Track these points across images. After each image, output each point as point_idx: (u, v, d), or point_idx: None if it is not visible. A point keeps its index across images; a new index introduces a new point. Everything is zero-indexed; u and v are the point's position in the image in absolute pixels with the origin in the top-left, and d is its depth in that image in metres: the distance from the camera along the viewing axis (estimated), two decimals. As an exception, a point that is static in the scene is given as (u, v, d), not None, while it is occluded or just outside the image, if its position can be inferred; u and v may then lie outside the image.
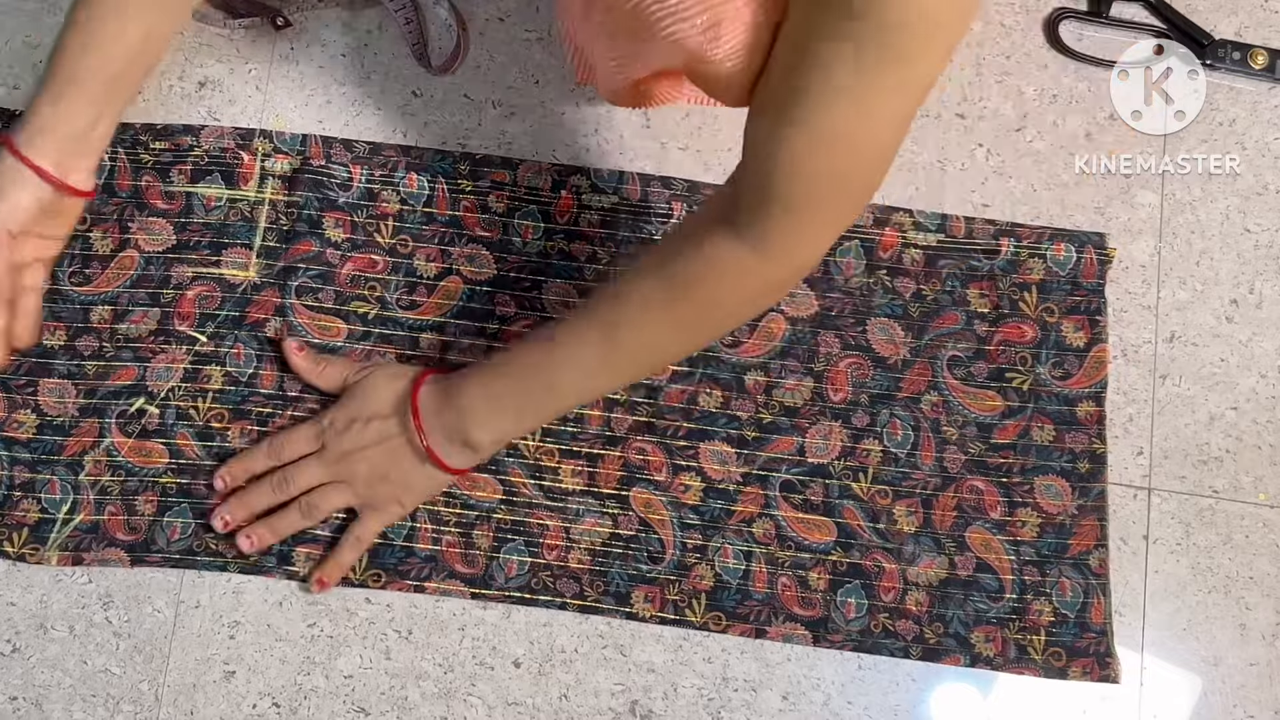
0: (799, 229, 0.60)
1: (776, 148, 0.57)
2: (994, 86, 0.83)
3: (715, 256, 0.61)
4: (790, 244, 0.61)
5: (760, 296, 0.66)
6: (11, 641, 0.73)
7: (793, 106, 0.55)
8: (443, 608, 0.75)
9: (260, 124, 0.79)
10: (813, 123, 0.55)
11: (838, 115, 0.54)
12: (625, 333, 0.66)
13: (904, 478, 0.77)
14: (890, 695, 0.74)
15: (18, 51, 0.80)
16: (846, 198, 0.60)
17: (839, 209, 0.60)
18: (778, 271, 0.62)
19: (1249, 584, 0.77)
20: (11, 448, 0.74)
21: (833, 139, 0.55)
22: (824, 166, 0.57)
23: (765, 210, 0.59)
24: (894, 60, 0.52)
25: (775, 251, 0.61)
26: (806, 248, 0.62)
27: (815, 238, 0.61)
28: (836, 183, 0.58)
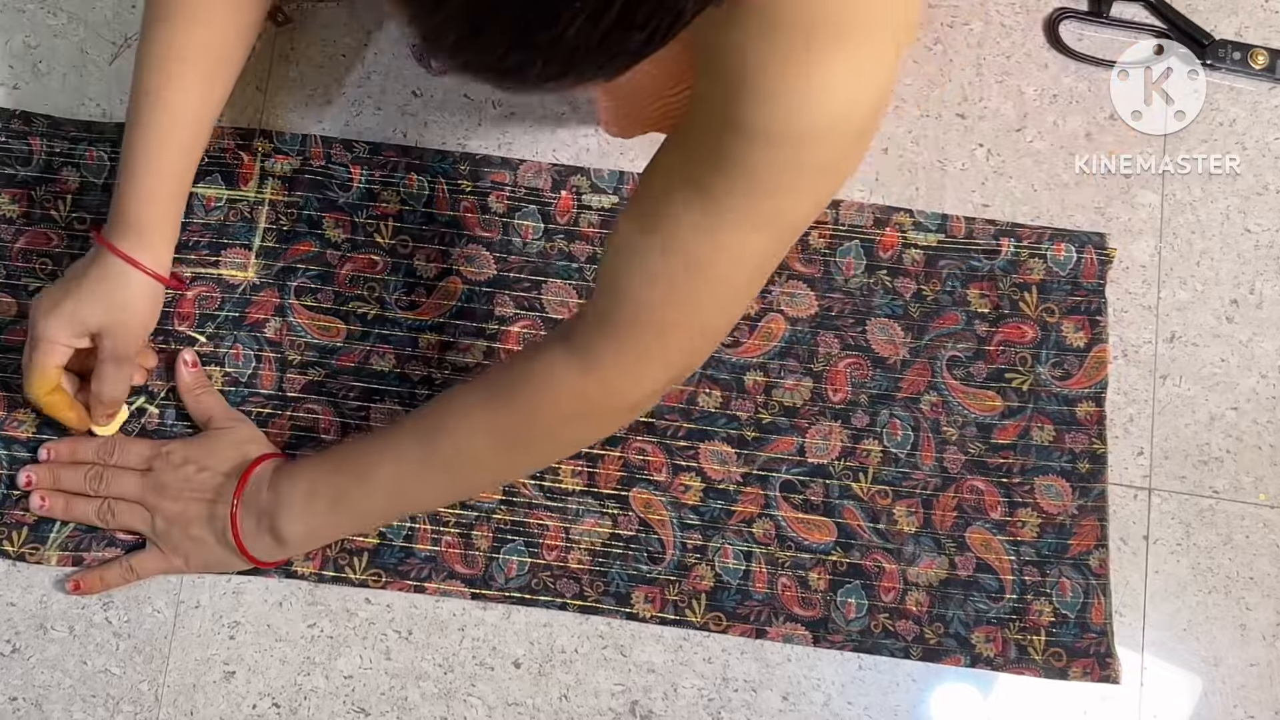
0: (628, 354, 0.58)
1: (631, 257, 0.55)
2: (994, 86, 0.83)
3: (541, 367, 0.61)
4: (616, 368, 0.59)
5: (580, 419, 0.63)
6: (11, 641, 0.73)
7: (659, 210, 0.53)
8: (443, 608, 0.75)
9: (260, 124, 0.79)
10: (672, 239, 0.53)
11: (687, 226, 0.52)
12: (443, 436, 0.64)
13: (904, 478, 0.77)
14: (890, 695, 0.74)
15: (18, 51, 0.80)
16: (681, 334, 0.58)
17: (671, 345, 0.58)
18: (598, 393, 0.60)
19: (1249, 584, 0.77)
20: (11, 447, 0.74)
21: (686, 261, 0.53)
22: (664, 287, 0.55)
23: (596, 330, 0.58)
24: (748, 182, 0.50)
25: (599, 372, 0.59)
26: (630, 376, 0.59)
27: (642, 369, 0.59)
28: (678, 313, 0.56)
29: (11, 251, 0.76)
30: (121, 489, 0.71)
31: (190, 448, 0.72)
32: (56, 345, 0.67)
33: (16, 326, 0.75)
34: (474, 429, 0.64)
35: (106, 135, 0.78)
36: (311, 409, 0.75)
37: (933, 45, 0.83)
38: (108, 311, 0.67)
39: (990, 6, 0.84)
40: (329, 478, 0.68)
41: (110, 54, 0.80)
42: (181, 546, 0.70)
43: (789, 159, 0.49)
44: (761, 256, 0.54)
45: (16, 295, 0.76)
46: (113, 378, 0.69)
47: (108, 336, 0.68)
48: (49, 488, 0.72)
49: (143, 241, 0.67)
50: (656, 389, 0.61)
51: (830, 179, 0.52)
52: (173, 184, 0.67)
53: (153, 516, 0.71)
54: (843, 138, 0.49)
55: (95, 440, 0.73)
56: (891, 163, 0.81)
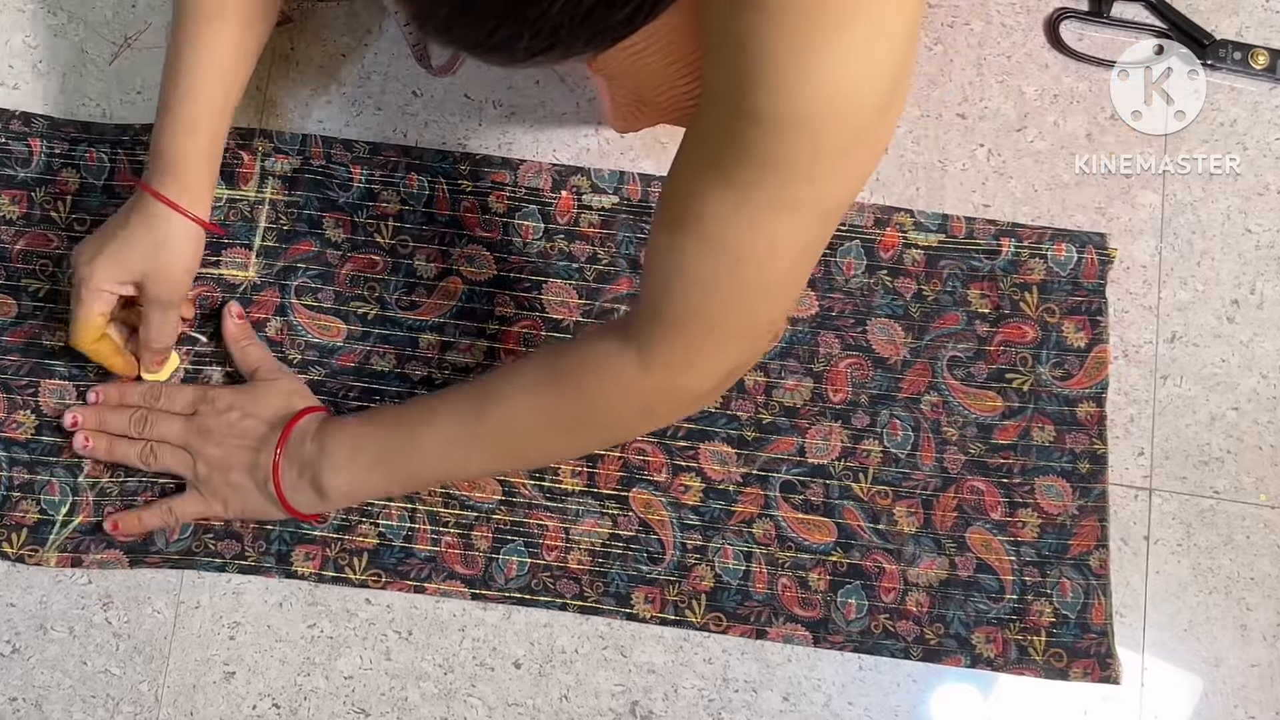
0: (683, 352, 0.58)
1: (672, 260, 0.55)
2: (995, 86, 0.83)
3: (598, 355, 0.61)
4: (673, 363, 0.59)
5: (638, 412, 0.64)
6: (11, 642, 0.73)
7: (689, 210, 0.53)
8: (443, 608, 0.74)
9: (260, 124, 0.79)
10: (704, 232, 0.53)
11: (721, 221, 0.52)
12: (494, 409, 0.64)
13: (904, 478, 0.77)
14: (891, 696, 0.74)
15: (18, 51, 0.80)
16: (735, 328, 0.58)
17: (727, 339, 0.58)
18: (656, 388, 0.60)
19: (1250, 585, 0.77)
20: (10, 448, 0.74)
21: (729, 258, 0.53)
22: (709, 284, 0.55)
23: (652, 326, 0.58)
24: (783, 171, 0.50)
25: (656, 367, 0.59)
26: (690, 373, 0.60)
27: (701, 365, 0.59)
28: (729, 307, 0.56)
29: (11, 253, 0.76)
30: (165, 432, 0.71)
31: (236, 395, 0.72)
32: (100, 292, 0.67)
33: (18, 328, 0.75)
34: (528, 408, 0.64)
35: (106, 136, 0.78)
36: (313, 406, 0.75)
37: (933, 45, 0.83)
38: (150, 257, 0.67)
39: (990, 6, 0.84)
40: (375, 437, 0.68)
41: (110, 54, 0.80)
42: (221, 491, 0.71)
43: (807, 143, 0.49)
44: (802, 240, 0.54)
45: (17, 297, 0.76)
46: (159, 323, 0.69)
47: (152, 282, 0.68)
48: (94, 429, 0.72)
49: (181, 185, 0.67)
50: (719, 381, 0.61)
51: (857, 158, 0.51)
52: (210, 125, 0.67)
53: (194, 460, 0.71)
54: (860, 117, 0.49)
55: (143, 385, 0.73)
56: (892, 163, 0.81)
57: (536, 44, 0.37)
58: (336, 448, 0.68)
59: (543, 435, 0.65)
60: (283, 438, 0.69)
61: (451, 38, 0.38)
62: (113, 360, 0.71)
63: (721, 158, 0.51)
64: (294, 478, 0.69)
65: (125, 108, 0.79)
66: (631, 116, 0.66)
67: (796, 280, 0.57)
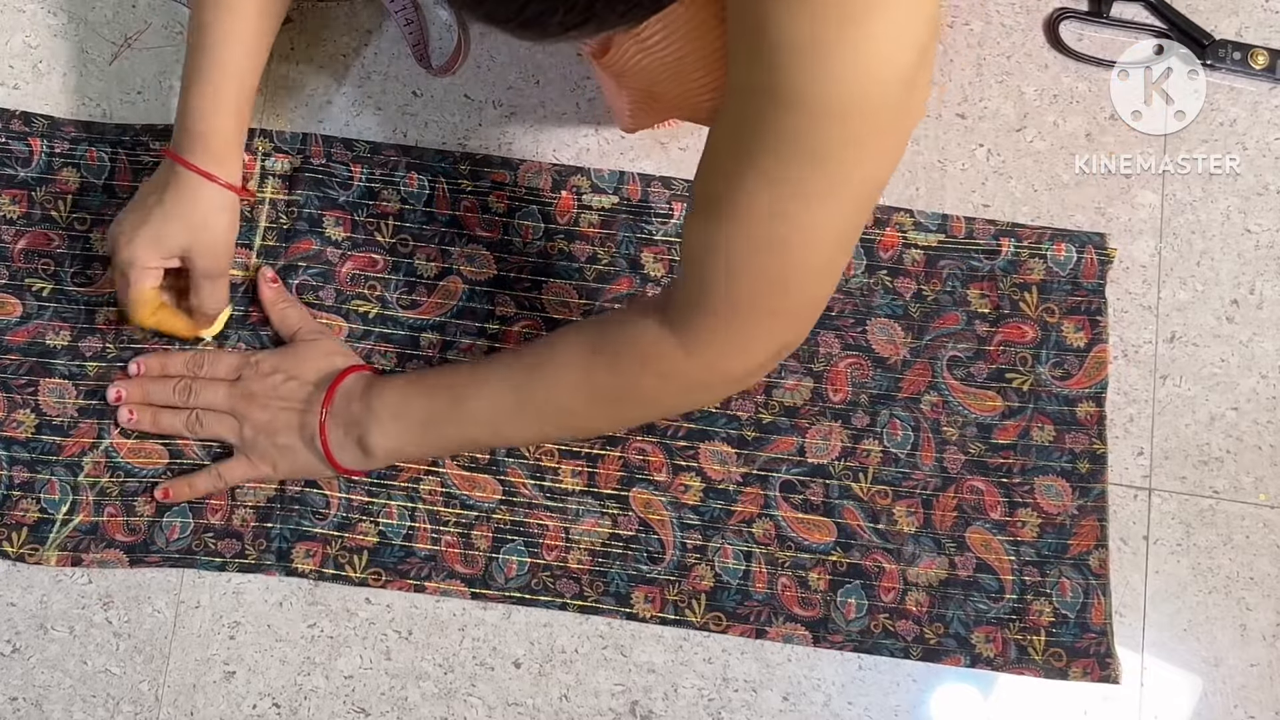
0: (726, 337, 0.58)
1: (708, 246, 0.55)
2: (994, 86, 0.83)
3: (645, 341, 0.61)
4: (717, 350, 0.59)
5: (683, 393, 0.64)
6: (11, 642, 0.73)
7: (724, 201, 0.53)
8: (443, 608, 0.75)
9: (260, 124, 0.79)
10: (742, 221, 0.53)
11: (759, 211, 0.52)
12: (541, 383, 0.65)
13: (904, 478, 0.77)
14: (891, 696, 0.74)
15: (18, 51, 0.80)
16: (777, 312, 0.58)
17: (769, 323, 0.58)
18: (702, 373, 0.61)
19: (1249, 584, 0.77)
20: (10, 448, 0.74)
21: (762, 241, 0.53)
22: (750, 271, 0.55)
23: (692, 311, 0.58)
24: (817, 158, 0.50)
25: (701, 353, 0.59)
26: (734, 357, 0.60)
27: (745, 349, 0.59)
28: (764, 292, 0.56)
29: (12, 252, 0.76)
30: (210, 399, 0.72)
31: (278, 358, 0.73)
32: (148, 270, 0.68)
33: (19, 327, 0.76)
34: (574, 383, 0.64)
35: (106, 135, 0.78)
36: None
37: (933, 45, 0.83)
38: (189, 231, 0.67)
39: (990, 6, 0.84)
40: (421, 400, 0.68)
41: (110, 54, 0.80)
42: (269, 454, 0.71)
43: (845, 127, 0.49)
44: (841, 223, 0.54)
45: (20, 296, 0.76)
46: (210, 291, 0.70)
47: (198, 255, 0.68)
48: (138, 401, 0.73)
49: (211, 153, 0.67)
50: (764, 362, 0.61)
51: (891, 137, 0.51)
52: (238, 90, 0.67)
53: (241, 425, 0.72)
54: (893, 94, 0.49)
55: (184, 354, 0.74)
56: (892, 163, 0.81)
57: (571, 18, 0.37)
58: (383, 409, 0.69)
59: (586, 411, 0.66)
60: (328, 397, 0.70)
61: (484, 12, 0.38)
62: (174, 325, 0.72)
63: (756, 148, 0.51)
64: (340, 436, 0.70)
65: (125, 108, 0.79)
66: (641, 113, 0.66)
67: (839, 260, 0.57)
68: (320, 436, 0.70)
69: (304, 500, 0.74)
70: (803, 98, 0.48)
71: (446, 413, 0.68)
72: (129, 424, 0.73)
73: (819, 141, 0.49)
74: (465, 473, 0.75)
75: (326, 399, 0.70)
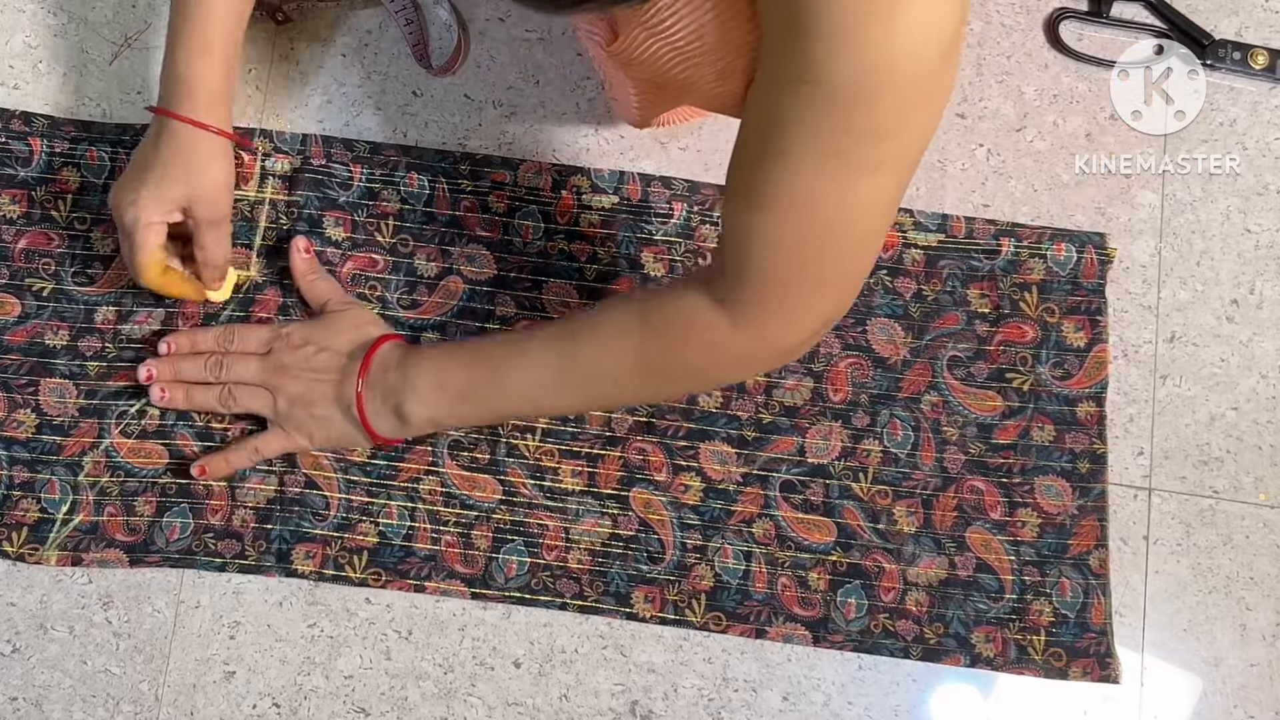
0: (774, 311, 0.59)
1: (750, 229, 0.56)
2: (994, 86, 0.83)
3: (692, 312, 0.61)
4: (765, 324, 0.60)
5: (731, 366, 0.65)
6: (11, 641, 0.73)
7: (764, 185, 0.54)
8: (443, 608, 0.75)
9: (260, 124, 0.79)
10: (782, 200, 0.53)
11: (805, 193, 0.53)
12: (587, 354, 0.65)
13: (904, 478, 0.77)
14: (891, 695, 0.74)
15: (18, 51, 0.80)
16: (826, 284, 0.58)
17: (818, 295, 0.59)
18: (751, 346, 0.61)
19: (1249, 584, 0.77)
20: (11, 447, 0.74)
21: (803, 218, 0.54)
22: (797, 248, 0.55)
23: (740, 286, 0.59)
24: (859, 135, 0.50)
25: (749, 326, 0.60)
26: (781, 330, 0.60)
27: (791, 321, 0.60)
28: (812, 266, 0.57)
29: (13, 252, 0.76)
30: (242, 373, 0.72)
31: (309, 329, 0.73)
32: (153, 226, 0.68)
33: (19, 327, 0.76)
34: (618, 353, 0.64)
35: (106, 135, 0.78)
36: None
37: (933, 45, 0.83)
38: (189, 182, 0.68)
39: (990, 6, 0.84)
40: (460, 371, 0.69)
41: (110, 54, 0.80)
42: (305, 426, 0.72)
43: (882, 103, 0.49)
44: (884, 195, 0.54)
45: (20, 296, 0.76)
46: (214, 241, 0.70)
47: (198, 204, 0.68)
48: (170, 379, 0.73)
49: (202, 103, 0.67)
50: (812, 333, 0.61)
51: (929, 106, 0.52)
52: (224, 46, 0.67)
53: (274, 398, 0.72)
54: (930, 68, 0.49)
55: (214, 329, 0.74)
56: (892, 163, 0.81)
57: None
58: (421, 380, 0.69)
59: (630, 382, 0.66)
60: (363, 367, 0.70)
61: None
62: (182, 287, 0.72)
63: (796, 131, 0.51)
64: (377, 405, 0.70)
65: (125, 108, 0.79)
66: (649, 104, 0.66)
67: (882, 231, 0.57)
68: (357, 406, 0.70)
69: (304, 501, 0.74)
70: (846, 78, 0.48)
71: (486, 385, 0.68)
72: (161, 402, 0.73)
73: (861, 119, 0.50)
74: (465, 473, 0.75)
75: (363, 369, 0.70)
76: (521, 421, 0.75)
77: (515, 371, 0.67)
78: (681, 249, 0.78)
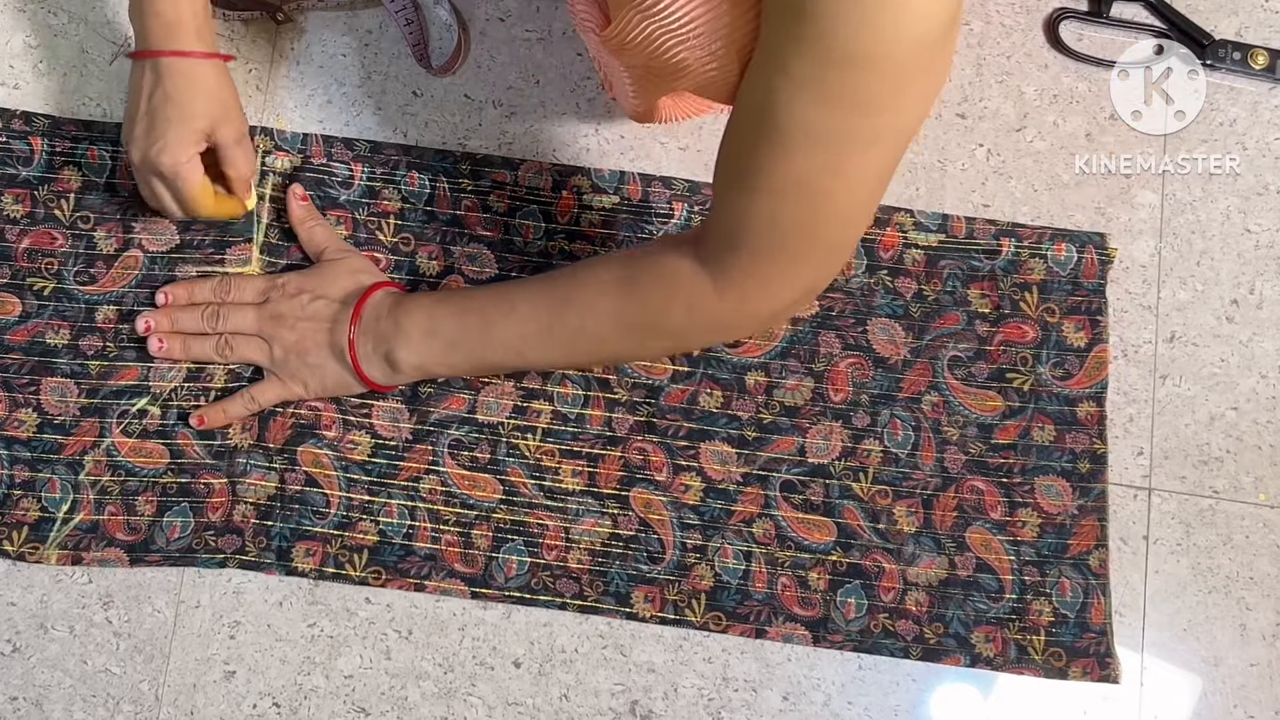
0: (759, 279, 0.59)
1: (742, 208, 0.56)
2: (994, 86, 0.83)
3: (676, 274, 0.62)
4: (748, 291, 0.60)
5: (711, 330, 0.66)
6: (11, 641, 0.73)
7: (759, 166, 0.54)
8: (443, 608, 0.75)
9: (260, 123, 0.79)
10: (777, 175, 0.54)
11: (802, 167, 0.53)
12: (570, 313, 0.66)
13: (904, 478, 0.77)
14: (890, 695, 0.74)
15: (18, 51, 0.80)
16: (814, 255, 0.59)
17: (805, 265, 0.59)
18: (734, 312, 0.62)
19: (1249, 584, 0.77)
20: (12, 446, 0.74)
21: (797, 192, 0.54)
22: (789, 220, 0.56)
23: (727, 253, 0.59)
24: (858, 108, 0.50)
25: (732, 293, 0.60)
26: (763, 298, 0.61)
27: (776, 291, 0.60)
28: (802, 238, 0.57)
29: (16, 252, 0.76)
30: (238, 323, 0.73)
31: (304, 278, 0.74)
32: (194, 162, 0.68)
33: (20, 326, 0.76)
34: (603, 314, 0.65)
35: (107, 134, 0.78)
36: (313, 405, 0.75)
37: (933, 45, 0.83)
38: (208, 110, 0.68)
39: (990, 6, 0.84)
40: (451, 320, 0.70)
41: (110, 54, 0.80)
42: (300, 373, 0.73)
43: (882, 74, 0.49)
44: (879, 169, 0.55)
45: (21, 296, 0.76)
46: (242, 155, 0.71)
47: (221, 126, 0.69)
48: (167, 330, 0.74)
49: (189, 35, 0.67)
50: (791, 303, 0.62)
51: (927, 79, 0.52)
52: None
53: (270, 346, 0.73)
54: (930, 43, 0.49)
55: (210, 280, 0.75)
56: (892, 163, 0.81)
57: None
58: (412, 327, 0.70)
59: (614, 341, 0.67)
60: (355, 313, 0.71)
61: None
62: (230, 206, 0.72)
63: (796, 105, 0.51)
64: (369, 350, 0.71)
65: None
66: (644, 91, 0.66)
67: (874, 202, 0.58)
68: (350, 352, 0.71)
69: (304, 499, 0.74)
70: (847, 50, 0.48)
71: (475, 335, 0.69)
72: (158, 352, 0.73)
73: (863, 92, 0.50)
74: (465, 472, 0.75)
75: (355, 315, 0.71)
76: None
77: (504, 324, 0.68)
78: (682, 249, 0.78)
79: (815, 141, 0.52)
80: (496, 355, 0.70)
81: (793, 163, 0.53)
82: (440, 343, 0.69)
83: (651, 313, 0.64)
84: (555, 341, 0.68)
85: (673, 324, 0.64)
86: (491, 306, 0.69)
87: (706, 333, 0.67)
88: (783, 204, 0.55)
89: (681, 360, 0.77)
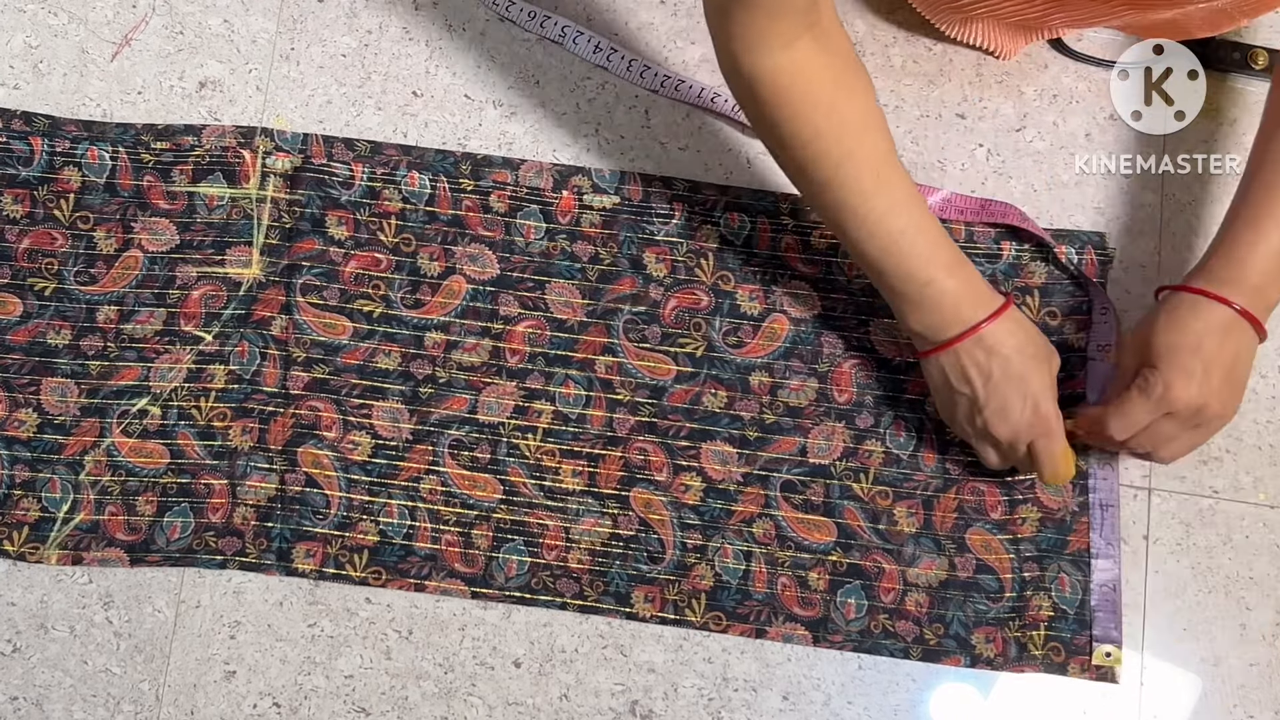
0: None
1: None
2: (994, 86, 0.83)
3: None
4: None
5: None
6: (12, 641, 0.73)
7: None
8: (443, 608, 0.75)
9: (261, 123, 0.79)
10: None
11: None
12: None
13: (905, 479, 0.77)
14: (890, 695, 0.74)
15: (18, 51, 0.80)
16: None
17: None
18: None
19: (1249, 584, 0.77)
20: (12, 446, 0.74)
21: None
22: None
23: None
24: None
25: None
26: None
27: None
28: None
29: (16, 252, 0.76)
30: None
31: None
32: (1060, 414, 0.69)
33: (21, 326, 0.76)
34: None
35: (108, 134, 0.78)
36: (314, 406, 0.75)
37: (932, 45, 0.83)
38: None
39: (991, 7, 0.84)
40: None
41: (110, 54, 0.80)
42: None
43: None
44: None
45: (22, 296, 0.76)
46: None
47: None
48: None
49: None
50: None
51: None
52: None
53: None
54: None
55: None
56: (892, 163, 0.81)
57: None
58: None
59: None
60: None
61: None
62: (1071, 464, 0.71)
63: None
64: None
65: (126, 107, 0.79)
66: None
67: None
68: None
69: (304, 500, 0.74)
70: None
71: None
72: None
73: None
74: (466, 472, 0.75)
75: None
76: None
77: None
78: (684, 249, 0.78)
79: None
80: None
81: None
82: None
83: None
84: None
85: None
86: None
87: None
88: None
89: (685, 361, 0.77)
